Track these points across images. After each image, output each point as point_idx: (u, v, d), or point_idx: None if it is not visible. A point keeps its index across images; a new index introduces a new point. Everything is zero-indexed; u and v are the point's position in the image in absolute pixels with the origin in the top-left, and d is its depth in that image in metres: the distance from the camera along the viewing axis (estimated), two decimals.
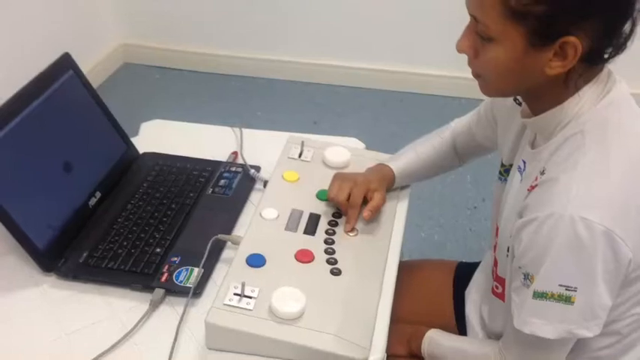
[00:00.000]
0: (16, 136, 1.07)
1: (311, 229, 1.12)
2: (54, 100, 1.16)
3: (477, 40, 0.89)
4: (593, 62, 0.86)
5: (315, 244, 1.09)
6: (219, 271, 1.09)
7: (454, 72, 2.90)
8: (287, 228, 1.11)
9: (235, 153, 1.34)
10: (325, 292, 1.00)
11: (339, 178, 1.17)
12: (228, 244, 1.13)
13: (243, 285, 0.97)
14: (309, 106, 2.88)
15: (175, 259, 1.08)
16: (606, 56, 0.86)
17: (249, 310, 0.96)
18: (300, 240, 1.09)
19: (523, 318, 0.89)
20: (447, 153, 1.27)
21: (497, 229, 1.12)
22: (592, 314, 0.87)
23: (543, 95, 0.90)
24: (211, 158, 1.32)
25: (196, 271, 1.06)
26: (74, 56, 1.22)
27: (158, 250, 1.10)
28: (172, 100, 2.88)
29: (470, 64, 0.93)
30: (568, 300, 0.85)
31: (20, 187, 1.06)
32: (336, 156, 1.26)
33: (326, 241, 1.10)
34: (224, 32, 3.03)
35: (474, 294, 1.23)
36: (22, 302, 1.04)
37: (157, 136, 1.41)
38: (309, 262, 1.06)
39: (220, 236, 1.11)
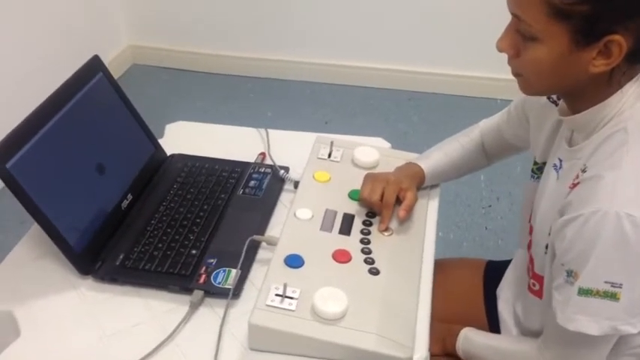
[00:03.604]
0: (50, 140, 1.07)
1: (346, 229, 1.12)
2: (85, 103, 1.16)
3: (518, 39, 0.89)
4: (636, 60, 0.86)
5: (351, 244, 1.09)
6: (255, 271, 1.09)
7: (463, 71, 2.92)
8: (322, 228, 1.12)
9: (263, 154, 1.34)
10: (365, 292, 1.00)
11: (370, 178, 1.17)
12: (263, 244, 1.13)
13: (285, 286, 0.98)
14: (319, 107, 2.89)
15: (212, 260, 1.08)
16: None
17: (292, 310, 0.96)
18: (336, 240, 1.10)
19: (568, 315, 0.90)
20: (475, 153, 1.27)
21: (530, 227, 1.13)
22: (636, 310, 0.87)
23: (585, 93, 0.91)
24: (239, 159, 1.33)
25: (234, 272, 1.06)
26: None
27: (194, 251, 1.10)
28: (183, 102, 2.89)
29: (510, 63, 0.93)
30: (613, 297, 0.86)
31: (56, 190, 1.06)
32: (365, 156, 1.26)
33: (362, 241, 1.10)
34: (233, 34, 3.04)
35: (507, 292, 1.23)
36: (60, 306, 1.04)
37: (182, 138, 1.41)
38: (347, 262, 1.06)
39: (256, 237, 1.11)
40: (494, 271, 1.31)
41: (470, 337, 1.14)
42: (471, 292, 1.29)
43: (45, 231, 1.03)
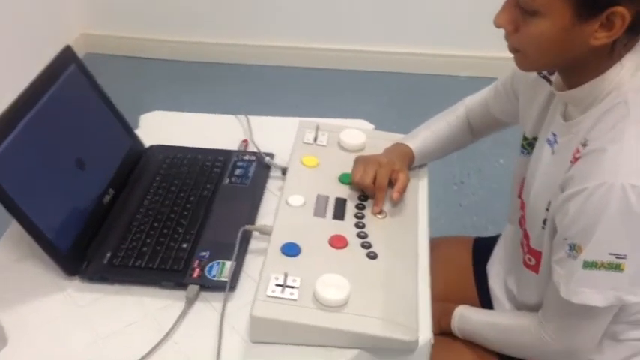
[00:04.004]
0: (26, 137, 1.01)
1: (340, 213, 1.10)
2: (60, 97, 1.10)
3: (517, 15, 0.88)
4: (637, 32, 0.86)
5: (347, 228, 1.07)
6: (250, 262, 1.06)
7: (428, 49, 2.92)
8: (316, 214, 1.09)
9: (245, 141, 1.31)
10: (365, 277, 0.99)
11: (361, 161, 1.15)
12: (255, 234, 1.10)
13: (285, 275, 0.95)
14: (286, 91, 2.84)
15: (204, 253, 1.05)
16: None
17: (294, 300, 0.94)
18: (331, 225, 1.07)
19: (572, 288, 0.90)
20: (461, 130, 1.26)
21: (521, 202, 1.13)
22: (639, 279, 0.88)
23: (584, 67, 0.90)
24: (221, 148, 1.29)
25: (228, 264, 1.03)
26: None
27: (185, 245, 1.06)
28: (146, 92, 2.80)
29: (508, 38, 0.92)
30: (618, 267, 0.87)
31: (36, 188, 1.01)
32: (352, 138, 1.24)
33: (357, 225, 1.08)
34: (191, 19, 2.97)
35: (497, 267, 1.24)
36: (48, 309, 0.99)
37: (159, 129, 1.36)
38: (344, 247, 1.04)
39: (248, 227, 1.08)
40: (482, 248, 1.32)
41: (465, 315, 1.14)
42: (461, 269, 1.29)
43: (27, 231, 0.97)
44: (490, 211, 2.17)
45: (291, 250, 1.02)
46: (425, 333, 0.95)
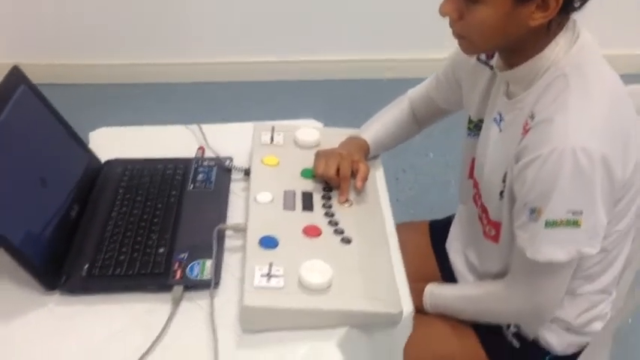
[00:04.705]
0: None
1: (308, 205, 1.14)
2: (14, 118, 1.08)
3: (460, 3, 0.96)
4: (569, 11, 0.96)
5: (317, 218, 1.12)
6: (227, 259, 1.09)
7: (351, 55, 3.01)
8: (285, 208, 1.13)
9: (202, 148, 1.33)
10: (343, 260, 1.04)
11: (323, 154, 1.20)
12: (228, 232, 1.13)
13: (270, 265, 0.99)
14: (212, 106, 2.85)
15: (182, 255, 1.07)
16: (578, 4, 0.96)
17: (280, 287, 0.97)
18: (302, 217, 1.12)
19: (537, 248, 0.98)
20: (407, 122, 1.34)
21: (474, 181, 1.22)
22: (595, 233, 0.97)
23: (523, 47, 1.00)
24: (177, 157, 1.30)
25: (209, 263, 1.05)
26: None
27: (161, 249, 1.07)
28: (68, 117, 2.72)
29: (453, 25, 1.00)
30: (575, 224, 0.95)
31: (6, 208, 0.99)
32: (307, 136, 1.29)
33: (326, 214, 1.13)
34: (99, 42, 2.92)
35: (455, 244, 1.32)
36: (32, 325, 0.98)
37: (110, 144, 1.35)
38: (318, 235, 1.08)
39: (222, 226, 1.11)
40: (438, 229, 1.40)
41: (435, 292, 1.20)
42: (421, 251, 1.36)
43: (5, 249, 0.96)
44: (426, 202, 2.27)
45: (269, 243, 1.05)
46: (408, 306, 1.01)
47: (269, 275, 0.98)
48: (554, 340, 1.16)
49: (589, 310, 1.15)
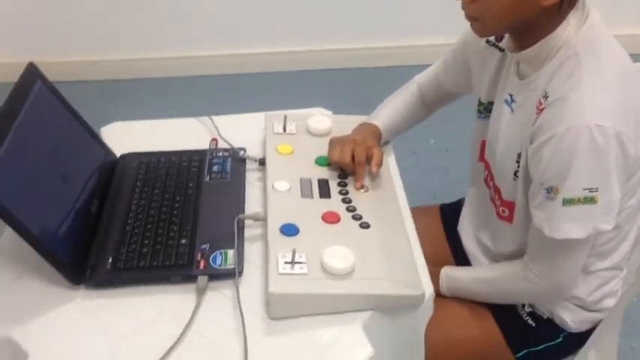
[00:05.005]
0: (12, 155, 1.00)
1: (325, 192, 1.16)
2: (34, 114, 1.09)
3: None
4: None
5: (335, 205, 1.14)
6: (248, 248, 1.10)
7: (336, 45, 3.01)
8: (303, 195, 1.15)
9: (215, 139, 1.34)
10: (363, 245, 1.05)
11: (337, 142, 1.21)
12: (247, 222, 1.14)
13: (294, 252, 1.00)
14: (201, 99, 2.86)
15: (204, 246, 1.08)
16: None
17: (305, 274, 0.99)
18: (320, 204, 1.13)
19: (555, 226, 1.00)
20: (417, 106, 1.36)
21: (485, 163, 1.23)
22: (610, 208, 0.99)
23: (535, 27, 1.01)
24: (191, 149, 1.31)
25: (231, 253, 1.06)
26: None
27: (183, 241, 1.09)
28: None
29: (466, 8, 1.01)
30: (592, 200, 0.98)
31: (30, 202, 1.00)
32: (319, 124, 1.31)
33: (343, 200, 1.15)
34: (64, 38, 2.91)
35: (467, 227, 1.34)
36: (61, 320, 0.99)
37: (123, 139, 1.36)
38: (337, 221, 1.10)
39: (242, 215, 1.12)
40: (449, 213, 1.42)
41: (451, 275, 1.22)
42: (433, 234, 1.38)
43: (32, 245, 0.97)
44: (428, 188, 2.29)
45: (290, 230, 1.07)
46: (429, 288, 1.03)
47: (293, 262, 1.00)
48: (569, 317, 1.18)
49: (601, 287, 1.17)
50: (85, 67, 2.96)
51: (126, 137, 1.37)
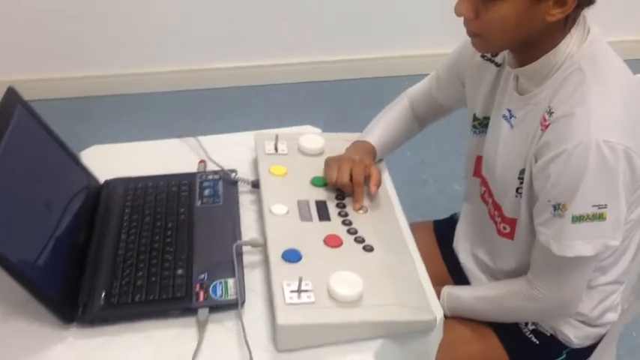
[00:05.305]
0: None
1: (324, 215, 1.12)
2: (15, 141, 1.02)
3: (477, 2, 0.95)
4: (584, 5, 0.96)
5: (336, 227, 1.10)
6: (247, 276, 1.05)
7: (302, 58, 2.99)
8: (302, 219, 1.11)
9: (203, 161, 1.29)
10: (368, 269, 1.02)
11: (334, 161, 1.18)
12: (244, 248, 1.10)
13: (300, 280, 0.96)
14: (174, 115, 2.80)
15: (202, 276, 1.03)
16: None
17: (312, 302, 0.95)
18: (321, 227, 1.10)
19: (566, 244, 0.98)
20: (409, 121, 1.33)
21: (482, 179, 1.21)
22: (618, 224, 0.98)
23: (538, 42, 0.99)
24: (178, 172, 1.26)
25: (231, 282, 1.02)
26: None
27: (180, 271, 1.03)
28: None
29: (469, 25, 0.99)
30: (601, 217, 0.96)
31: (15, 235, 0.94)
32: (312, 143, 1.27)
33: (344, 223, 1.11)
34: (69, 53, 2.83)
35: (464, 244, 1.31)
36: None
37: (105, 163, 1.29)
38: (340, 245, 1.06)
39: (240, 242, 1.07)
40: (443, 229, 1.40)
41: (453, 294, 1.20)
42: (428, 252, 1.34)
43: (19, 283, 0.91)
44: (407, 201, 2.27)
45: (292, 256, 1.03)
46: (439, 312, 1.00)
47: (299, 291, 0.96)
48: (572, 333, 1.17)
49: (603, 302, 1.16)
50: (51, 85, 2.86)
51: (107, 161, 1.31)
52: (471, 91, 1.21)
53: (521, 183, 1.07)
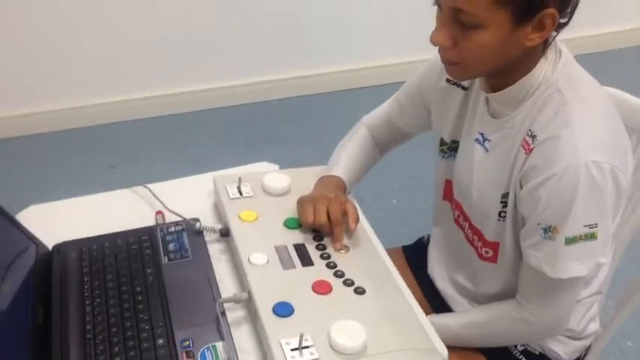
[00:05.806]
0: None
1: (307, 259, 1.06)
2: None
3: (455, 30, 0.93)
4: (561, 28, 0.96)
5: (321, 272, 1.04)
6: (235, 336, 0.96)
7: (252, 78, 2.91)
8: (285, 267, 1.04)
9: (160, 212, 1.19)
10: (365, 314, 0.97)
11: (308, 202, 1.11)
12: (227, 305, 1.01)
13: (301, 337, 0.89)
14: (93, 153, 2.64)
15: (187, 342, 0.94)
16: (564, 20, 0.96)
17: (317, 359, 0.88)
18: (306, 273, 1.03)
19: (560, 266, 0.97)
20: (372, 149, 1.30)
21: (455, 203, 1.19)
22: (607, 241, 0.98)
23: (515, 67, 0.98)
24: (134, 227, 1.16)
25: (220, 346, 0.93)
26: None
27: (160, 341, 0.94)
28: None
29: (446, 53, 0.96)
30: (592, 236, 0.96)
31: None
32: (277, 182, 1.20)
33: (328, 266, 1.05)
34: None
35: (439, 269, 1.28)
36: None
37: (47, 225, 1.16)
38: (330, 291, 1.00)
39: (221, 300, 0.99)
40: (412, 254, 1.36)
41: (439, 323, 1.14)
42: (403, 279, 1.32)
43: None
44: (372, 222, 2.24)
45: (283, 310, 0.95)
46: (444, 351, 0.96)
47: (300, 348, 0.89)
48: (561, 349, 1.16)
49: (586, 314, 1.17)
50: None
51: (50, 223, 1.18)
52: (438, 115, 1.18)
53: (504, 207, 1.05)
